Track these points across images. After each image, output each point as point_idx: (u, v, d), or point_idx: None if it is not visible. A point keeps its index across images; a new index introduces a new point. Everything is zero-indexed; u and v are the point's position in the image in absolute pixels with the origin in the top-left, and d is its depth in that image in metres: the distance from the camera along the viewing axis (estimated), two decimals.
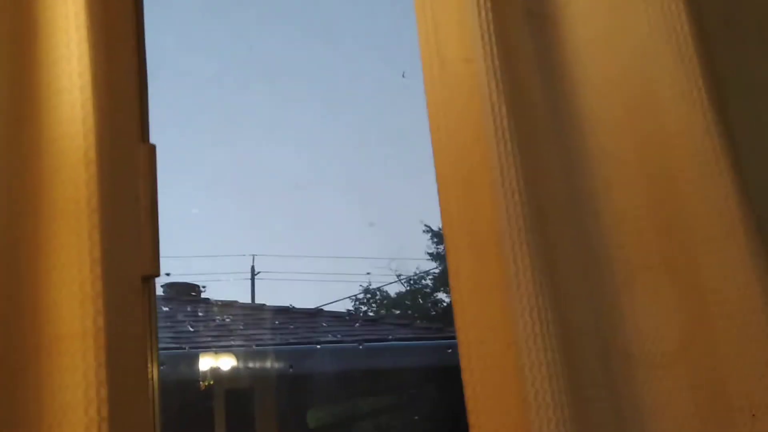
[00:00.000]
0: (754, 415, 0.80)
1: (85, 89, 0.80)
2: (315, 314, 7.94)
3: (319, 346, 6.70)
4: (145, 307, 0.84)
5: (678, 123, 0.88)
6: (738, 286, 0.82)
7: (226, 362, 6.66)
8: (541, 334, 0.79)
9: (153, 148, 0.91)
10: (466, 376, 0.83)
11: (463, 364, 0.84)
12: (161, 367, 0.89)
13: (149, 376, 0.82)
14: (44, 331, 0.76)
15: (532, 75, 0.92)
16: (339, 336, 7.20)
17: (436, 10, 0.93)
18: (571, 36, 0.95)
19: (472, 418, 0.83)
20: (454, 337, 0.87)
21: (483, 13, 0.89)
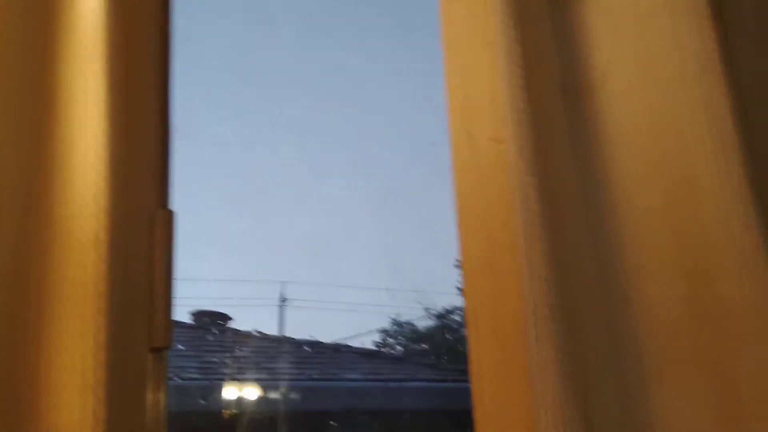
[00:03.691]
0: None
1: (100, 166, 0.78)
2: (339, 350, 7.93)
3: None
4: (154, 380, 0.82)
5: (718, 213, 0.84)
6: None
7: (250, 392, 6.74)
8: None
9: (172, 214, 0.88)
10: None
11: None
12: None
13: None
14: (42, 419, 0.73)
15: (565, 156, 0.89)
16: (362, 374, 7.18)
17: (468, 83, 0.91)
18: (608, 115, 0.91)
19: None
20: None
21: (516, 91, 0.86)
